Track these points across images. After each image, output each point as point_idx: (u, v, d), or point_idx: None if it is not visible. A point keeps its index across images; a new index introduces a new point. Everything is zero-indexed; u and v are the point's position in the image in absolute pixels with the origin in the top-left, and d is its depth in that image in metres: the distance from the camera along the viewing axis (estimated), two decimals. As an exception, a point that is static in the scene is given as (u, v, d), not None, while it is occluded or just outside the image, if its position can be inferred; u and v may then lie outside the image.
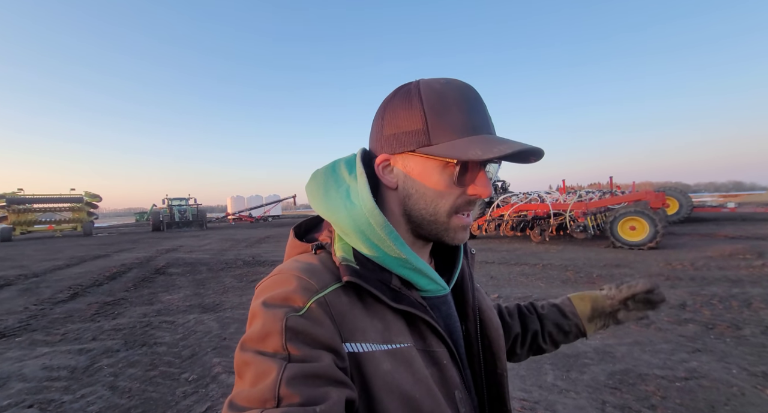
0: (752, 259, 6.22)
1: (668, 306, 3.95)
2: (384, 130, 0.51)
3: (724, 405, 2.15)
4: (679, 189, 14.11)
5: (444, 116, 0.46)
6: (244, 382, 0.39)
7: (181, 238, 16.35)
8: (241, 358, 0.41)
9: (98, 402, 2.49)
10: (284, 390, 0.36)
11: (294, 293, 0.43)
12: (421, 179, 0.49)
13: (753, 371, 2.52)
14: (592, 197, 10.79)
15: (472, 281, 0.60)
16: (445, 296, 0.55)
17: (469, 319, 0.57)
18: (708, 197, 35.08)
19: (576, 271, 6.02)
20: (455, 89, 0.48)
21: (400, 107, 0.49)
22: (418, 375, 0.45)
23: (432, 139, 0.46)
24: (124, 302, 5.11)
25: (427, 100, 0.47)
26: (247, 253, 9.96)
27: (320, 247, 0.51)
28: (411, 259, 0.49)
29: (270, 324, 0.41)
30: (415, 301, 0.48)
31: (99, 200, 23.04)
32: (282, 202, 34.61)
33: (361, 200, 0.49)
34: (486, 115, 0.49)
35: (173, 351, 3.32)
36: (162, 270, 7.67)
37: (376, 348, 0.44)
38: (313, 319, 0.41)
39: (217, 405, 2.40)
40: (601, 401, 2.26)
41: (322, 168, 0.57)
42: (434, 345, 0.49)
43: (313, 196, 0.54)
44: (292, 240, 0.56)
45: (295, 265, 0.48)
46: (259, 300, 0.44)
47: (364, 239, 0.48)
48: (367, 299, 0.47)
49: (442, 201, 0.48)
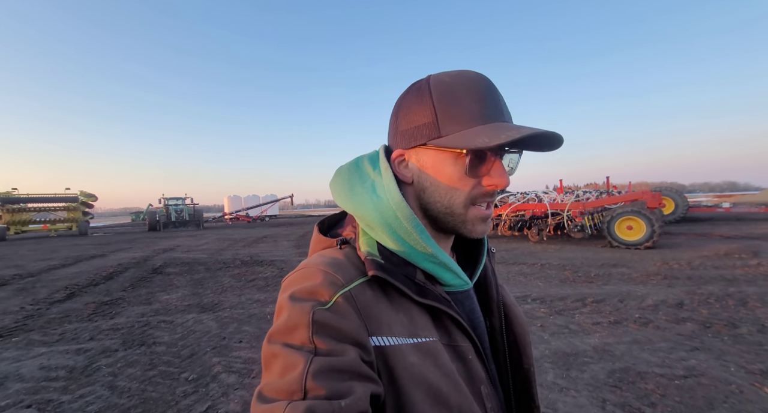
0: (747, 258, 6.29)
1: (666, 305, 3.98)
2: (399, 126, 0.52)
3: (723, 403, 2.17)
4: (675, 189, 14.22)
5: (453, 107, 0.47)
6: (272, 374, 0.40)
7: (178, 238, 16.26)
8: (269, 350, 0.41)
9: (97, 402, 2.47)
10: (310, 383, 0.37)
11: (320, 287, 0.43)
12: (434, 172, 0.49)
13: (750, 369, 2.54)
14: (589, 197, 10.84)
15: (496, 278, 0.60)
16: (468, 292, 0.55)
17: (493, 314, 0.58)
18: (703, 197, 35.39)
19: (574, 270, 6.05)
20: (465, 80, 0.48)
21: (412, 102, 0.50)
22: (444, 368, 0.45)
23: (441, 131, 0.47)
24: (122, 302, 5.08)
25: (437, 93, 0.48)
26: (244, 253, 9.92)
27: (345, 242, 0.52)
28: (436, 252, 0.49)
29: (297, 317, 0.41)
30: (440, 296, 0.49)
31: (94, 199, 22.87)
32: (279, 202, 34.53)
33: (387, 193, 0.49)
34: (499, 103, 0.48)
35: (172, 350, 3.31)
36: (159, 270, 7.63)
37: (402, 341, 0.44)
38: (340, 313, 0.42)
39: (217, 404, 2.39)
40: (601, 399, 2.27)
41: (345, 164, 0.57)
42: (459, 339, 0.49)
43: (338, 192, 0.54)
44: (317, 236, 0.56)
45: (321, 260, 0.48)
46: (286, 294, 0.44)
47: (390, 232, 0.48)
48: (392, 294, 0.47)
49: (457, 193, 0.49)
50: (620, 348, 2.99)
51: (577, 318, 3.75)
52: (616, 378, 2.51)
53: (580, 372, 2.62)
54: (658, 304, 4.03)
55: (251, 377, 2.75)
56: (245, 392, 2.53)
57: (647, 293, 4.46)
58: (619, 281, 5.23)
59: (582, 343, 3.11)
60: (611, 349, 2.97)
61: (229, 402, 2.41)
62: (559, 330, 3.42)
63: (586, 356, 2.87)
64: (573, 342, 3.13)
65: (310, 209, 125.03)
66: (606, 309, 3.96)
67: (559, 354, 2.91)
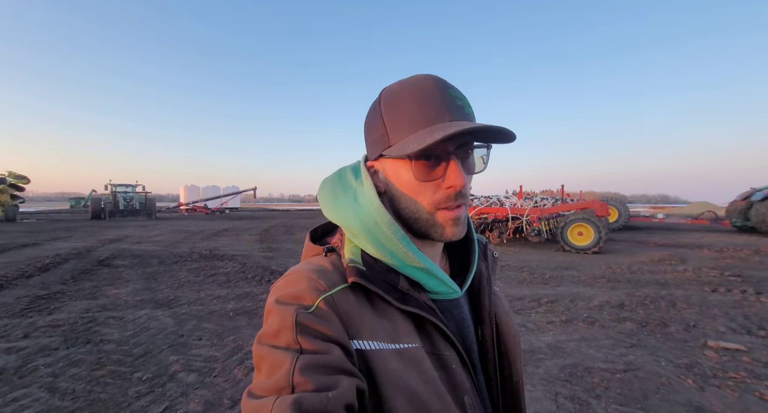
0: (676, 264, 7.06)
1: (610, 306, 4.37)
2: (367, 138, 0.54)
3: (655, 394, 2.44)
4: (619, 199, 15.60)
5: (397, 115, 0.48)
6: (261, 374, 0.42)
7: (127, 228, 15.05)
8: (258, 352, 0.43)
9: (34, 405, 2.25)
10: (297, 378, 0.38)
11: (304, 292, 0.45)
12: (395, 180, 0.51)
13: (677, 363, 2.88)
14: (545, 204, 11.56)
15: (490, 285, 0.59)
16: (458, 300, 0.54)
17: (485, 324, 0.57)
18: (641, 208, 39.02)
19: (531, 272, 6.43)
20: (410, 85, 0.48)
21: (371, 115, 0.52)
22: (426, 376, 0.45)
23: (391, 140, 0.48)
24: (62, 297, 4.63)
25: (384, 104, 0.49)
26: (203, 246, 9.42)
27: (331, 250, 0.53)
28: (418, 258, 0.49)
29: (282, 320, 0.43)
30: (423, 303, 0.49)
31: (26, 182, 20.44)
32: (241, 194, 33.09)
33: (367, 201, 0.51)
34: (446, 103, 0.46)
35: (123, 349, 3.08)
36: (106, 262, 7.03)
37: (384, 346, 0.45)
38: (322, 316, 0.44)
39: (176, 405, 2.27)
40: (554, 393, 2.46)
41: (329, 176, 0.59)
42: (443, 348, 0.49)
43: (324, 203, 0.56)
44: (308, 244, 0.58)
45: (307, 266, 0.50)
46: (273, 298, 0.47)
47: (371, 239, 0.49)
48: (374, 300, 0.48)
49: (419, 198, 0.49)
50: (571, 345, 3.24)
51: (533, 317, 4.00)
52: (567, 373, 2.72)
53: (536, 368, 2.81)
54: (603, 305, 4.42)
55: (213, 375, 2.64)
56: (206, 391, 2.43)
57: (594, 295, 4.87)
58: (570, 283, 5.65)
59: (537, 341, 3.33)
60: (563, 346, 3.21)
61: (188, 403, 2.30)
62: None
63: (540, 353, 3.08)
64: (530, 340, 3.35)
65: (274, 203, 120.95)
66: (559, 309, 4.27)
67: (517, 351, 3.10)
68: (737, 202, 13.50)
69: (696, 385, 2.53)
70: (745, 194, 13.29)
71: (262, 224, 17.90)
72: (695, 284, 5.41)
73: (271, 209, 44.81)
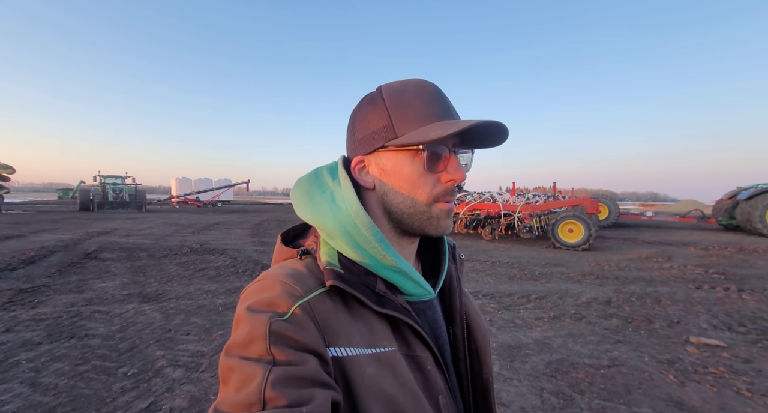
0: (663, 262, 7.19)
1: (597, 302, 4.44)
2: (356, 135, 0.54)
3: (638, 389, 2.49)
4: (609, 197, 15.81)
5: (405, 109, 0.49)
6: (229, 388, 0.39)
7: (116, 220, 14.81)
8: (226, 364, 0.41)
9: (15, 400, 2.21)
10: (270, 393, 0.36)
11: (278, 299, 0.43)
12: (394, 173, 0.51)
13: (660, 358, 2.94)
14: (537, 200, 11.66)
15: (460, 286, 0.61)
16: (431, 301, 0.55)
17: (456, 324, 0.58)
18: (631, 206, 39.63)
19: (521, 268, 6.50)
20: (413, 85, 0.51)
21: (367, 110, 0.52)
22: (401, 379, 0.45)
23: (397, 131, 0.49)
24: (46, 290, 4.54)
25: (389, 99, 0.50)
26: (193, 240, 9.32)
27: (306, 252, 0.51)
28: (396, 261, 0.49)
29: (254, 329, 0.41)
30: (400, 305, 0.49)
31: (11, 171, 19.94)
32: (234, 187, 32.75)
33: (346, 202, 0.50)
34: (447, 104, 0.51)
35: (109, 343, 3.04)
36: (93, 255, 6.91)
37: (360, 352, 0.44)
38: (297, 324, 0.42)
39: (161, 400, 2.25)
40: (539, 388, 2.50)
41: (304, 176, 0.57)
42: (418, 350, 0.49)
43: (297, 203, 0.55)
44: (279, 246, 0.56)
45: (280, 270, 0.48)
46: (244, 305, 0.44)
47: (350, 241, 0.49)
48: (351, 304, 0.47)
49: (418, 192, 0.50)
50: (557, 341, 3.29)
51: (522, 313, 4.05)
52: (553, 369, 2.76)
53: (522, 364, 2.85)
54: (591, 301, 4.49)
55: (200, 371, 2.62)
56: (193, 386, 2.42)
57: (582, 291, 4.94)
58: (559, 279, 5.72)
59: (525, 336, 3.37)
60: (550, 342, 3.26)
61: (174, 398, 2.28)
62: (505, 324, 3.67)
63: (528, 348, 3.12)
64: (517, 336, 3.39)
65: (267, 197, 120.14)
66: (547, 305, 4.32)
67: (504, 347, 3.14)
68: (724, 201, 13.78)
69: (677, 380, 2.59)
70: (731, 193, 13.56)
71: (255, 217, 17.76)
72: (680, 282, 5.52)
73: (264, 202, 44.45)
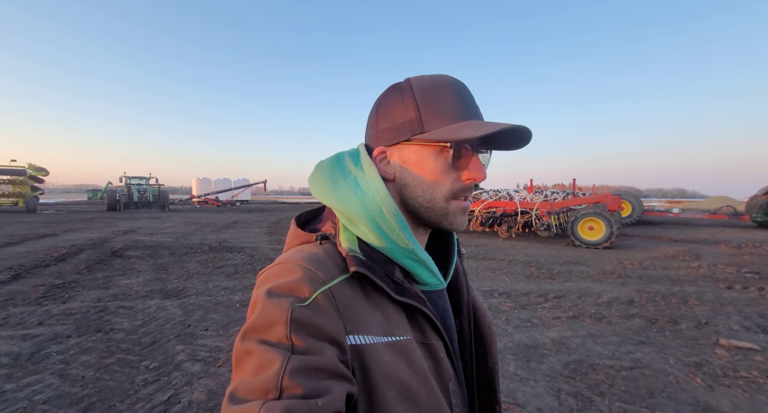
0: (690, 260, 6.87)
1: (619, 302, 4.28)
2: (379, 124, 0.53)
3: (662, 392, 2.39)
4: (633, 193, 15.22)
5: (435, 104, 0.49)
6: (246, 372, 0.38)
7: (140, 219, 15.39)
8: (243, 347, 0.40)
9: (46, 390, 2.33)
10: (287, 382, 0.36)
11: (300, 283, 0.42)
12: (416, 167, 0.51)
13: (686, 361, 2.81)
14: (556, 198, 11.36)
15: (466, 278, 0.62)
16: (442, 291, 0.56)
17: (463, 314, 0.59)
18: (656, 202, 38.08)
19: (538, 267, 6.35)
20: (444, 81, 0.51)
21: (394, 101, 0.52)
22: (416, 366, 0.46)
23: (425, 126, 0.49)
24: (76, 286, 4.77)
25: (419, 92, 0.50)
26: (213, 238, 9.58)
27: (325, 237, 0.51)
28: (416, 249, 0.50)
29: (275, 314, 0.40)
30: (416, 294, 0.49)
31: (45, 174, 21.04)
32: (252, 187, 33.45)
33: (373, 188, 0.50)
34: (474, 104, 0.52)
35: (132, 338, 3.16)
36: (119, 253, 7.21)
37: (378, 340, 0.45)
38: (319, 310, 0.41)
39: (180, 393, 2.32)
40: (557, 389, 2.43)
41: (326, 160, 0.57)
42: (432, 338, 0.50)
43: (319, 186, 0.54)
44: (295, 230, 0.55)
45: (300, 255, 0.47)
46: (263, 289, 0.43)
47: (374, 227, 0.48)
48: (370, 292, 0.47)
49: (439, 187, 0.50)
50: (576, 341, 3.19)
51: (539, 312, 3.95)
52: (571, 370, 2.68)
53: (539, 364, 2.78)
54: (612, 301, 4.34)
55: (217, 365, 2.69)
56: (210, 381, 2.48)
57: (603, 291, 4.78)
58: (579, 278, 5.56)
59: (542, 336, 3.29)
60: (568, 342, 3.17)
61: (193, 391, 2.35)
62: (522, 324, 3.60)
63: (545, 348, 3.05)
64: (534, 335, 3.31)
65: (284, 196, 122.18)
66: (566, 305, 4.21)
67: (521, 347, 3.07)
68: (758, 196, 13.02)
69: (705, 384, 2.46)
70: (766, 189, 12.81)
71: (272, 216, 18.08)
72: (709, 281, 5.26)
73: (281, 201, 45.22)
